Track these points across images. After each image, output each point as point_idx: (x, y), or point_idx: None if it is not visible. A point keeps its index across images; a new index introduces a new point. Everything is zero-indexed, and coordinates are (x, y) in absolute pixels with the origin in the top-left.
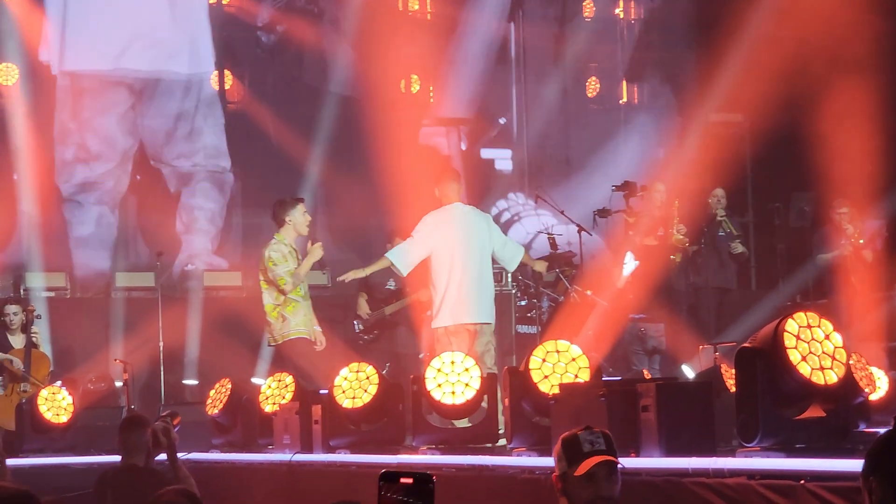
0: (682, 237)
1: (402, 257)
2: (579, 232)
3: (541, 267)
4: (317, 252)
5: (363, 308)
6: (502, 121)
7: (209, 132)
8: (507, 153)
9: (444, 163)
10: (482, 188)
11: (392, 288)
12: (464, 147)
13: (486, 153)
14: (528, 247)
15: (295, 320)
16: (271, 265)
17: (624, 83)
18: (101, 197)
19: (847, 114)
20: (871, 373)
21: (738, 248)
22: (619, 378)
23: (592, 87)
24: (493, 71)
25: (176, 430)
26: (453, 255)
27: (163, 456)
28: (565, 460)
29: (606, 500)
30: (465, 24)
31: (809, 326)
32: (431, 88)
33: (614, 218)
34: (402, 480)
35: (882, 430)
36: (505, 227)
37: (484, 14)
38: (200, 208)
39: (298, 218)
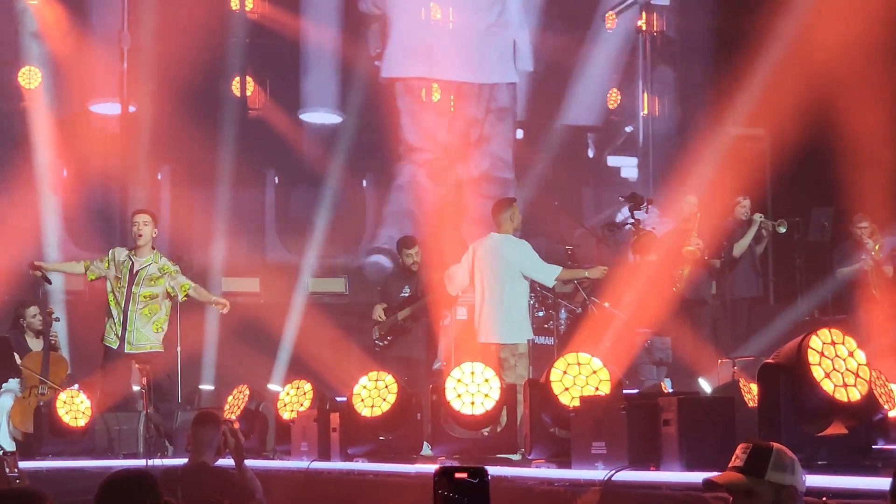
0: (693, 249)
1: (451, 279)
2: (597, 243)
3: (594, 273)
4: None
5: (378, 313)
6: (629, 129)
7: (496, 141)
8: (634, 161)
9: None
10: (610, 195)
11: (406, 295)
12: (591, 154)
13: (612, 161)
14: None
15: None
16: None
17: (645, 95)
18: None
19: (868, 129)
20: (891, 389)
21: (783, 227)
22: (637, 391)
23: (613, 98)
24: (620, 79)
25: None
26: (480, 281)
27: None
28: None
29: None
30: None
31: (833, 343)
32: (452, 98)
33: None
34: (457, 475)
35: None
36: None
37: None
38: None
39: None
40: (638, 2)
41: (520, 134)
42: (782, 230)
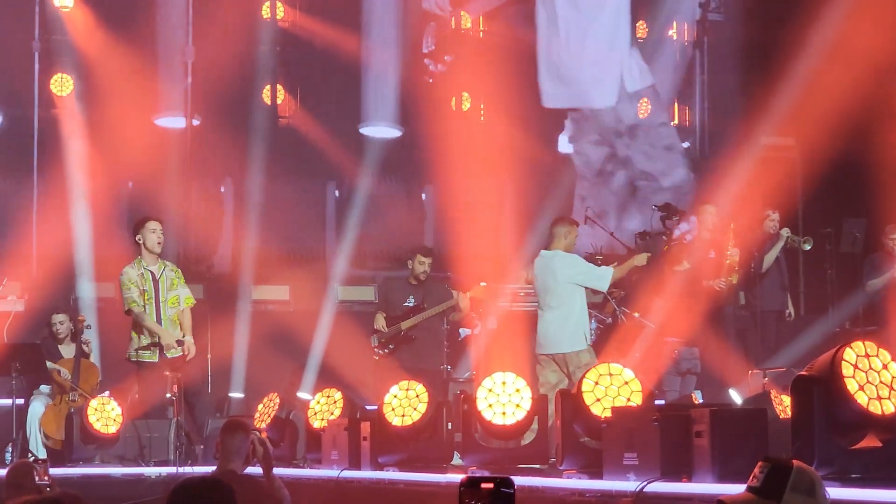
0: (736, 260)
1: None
2: (628, 253)
3: (639, 261)
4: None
5: (380, 322)
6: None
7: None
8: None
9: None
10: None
11: (410, 305)
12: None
13: None
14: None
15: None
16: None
17: (675, 104)
18: None
19: None
20: None
21: (808, 244)
22: (664, 402)
23: (644, 108)
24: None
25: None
26: (539, 295)
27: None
28: None
29: None
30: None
31: (867, 356)
32: (482, 106)
33: (657, 240)
34: (483, 486)
35: None
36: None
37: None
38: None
39: (148, 237)
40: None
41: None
42: (808, 247)
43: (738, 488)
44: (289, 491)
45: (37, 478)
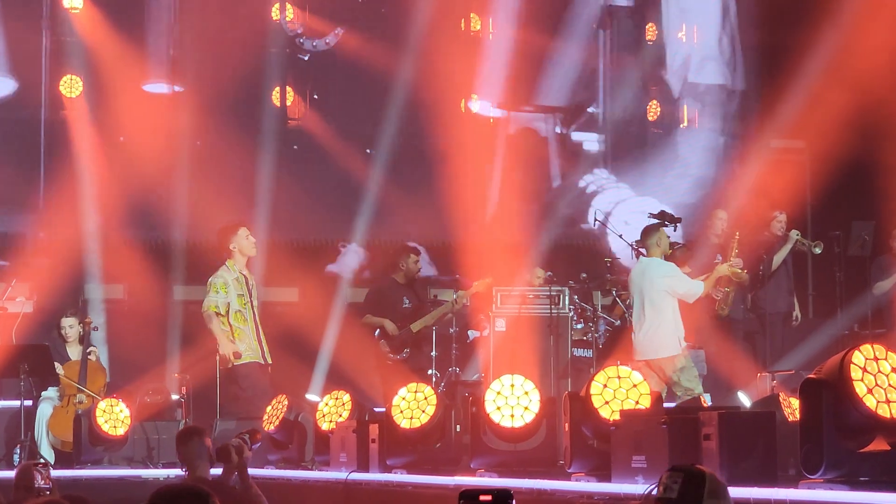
0: (738, 270)
1: None
2: (637, 256)
3: (722, 271)
4: None
5: (391, 327)
6: (591, 109)
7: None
8: (594, 136)
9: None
10: (573, 165)
11: (408, 306)
12: (558, 130)
13: (576, 136)
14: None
15: (242, 346)
16: (214, 290)
17: (685, 107)
18: None
19: None
20: None
21: (818, 248)
22: (675, 405)
23: (653, 110)
24: (584, 68)
25: (256, 446)
26: (633, 302)
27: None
28: None
29: None
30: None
31: (876, 359)
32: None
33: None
34: (482, 498)
35: None
36: (589, 197)
37: (578, 22)
38: None
39: (243, 242)
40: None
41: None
42: (818, 251)
43: (746, 491)
44: (297, 493)
45: (39, 480)
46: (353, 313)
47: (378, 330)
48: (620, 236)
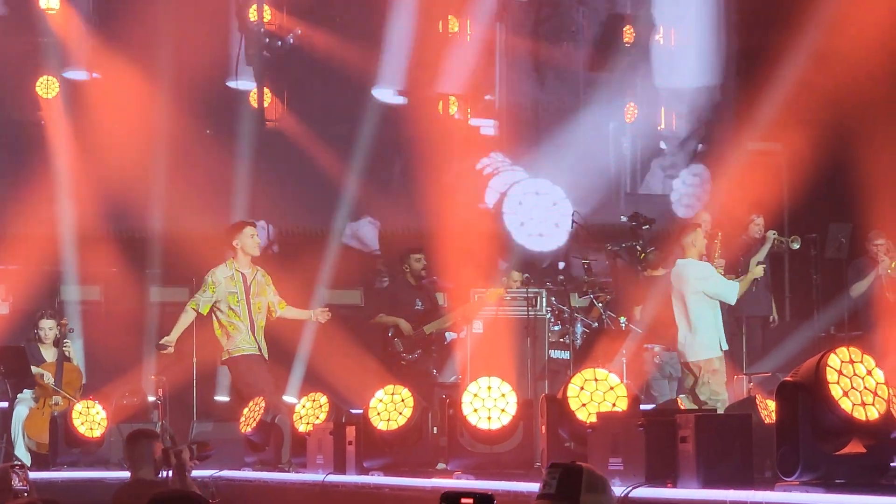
0: (721, 271)
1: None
2: (613, 258)
3: (758, 272)
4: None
5: (407, 328)
6: (488, 97)
7: None
8: (491, 122)
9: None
10: (471, 149)
11: (420, 308)
12: (457, 116)
13: (473, 121)
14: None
15: (236, 340)
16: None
17: (662, 110)
18: None
19: (886, 144)
20: None
21: (796, 243)
22: (654, 407)
23: (631, 112)
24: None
25: (210, 454)
26: (674, 304)
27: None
28: None
29: None
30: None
31: (852, 362)
32: (469, 110)
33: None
34: (463, 501)
35: None
36: (485, 180)
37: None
38: None
39: (247, 241)
40: None
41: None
42: (796, 246)
43: (722, 493)
44: (273, 495)
45: (17, 482)
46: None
47: (392, 329)
48: (593, 239)
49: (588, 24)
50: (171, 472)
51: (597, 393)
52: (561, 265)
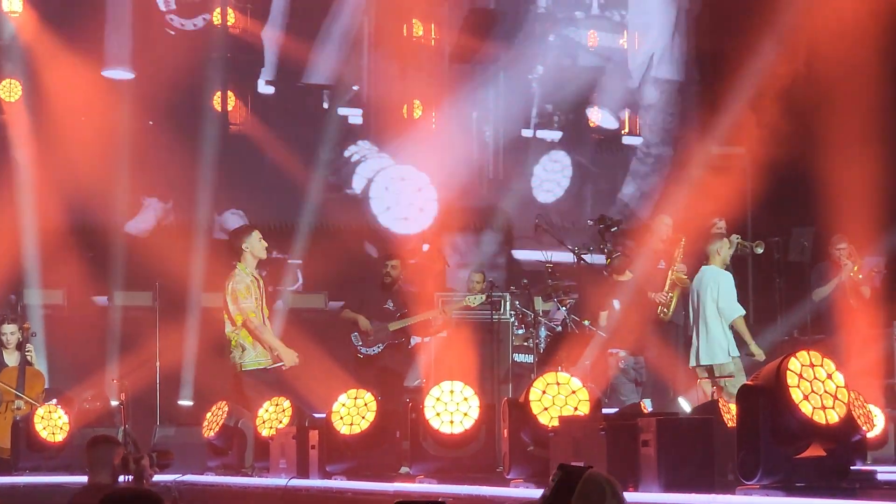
0: (683, 276)
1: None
2: (578, 261)
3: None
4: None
5: (365, 324)
6: (355, 87)
7: None
8: (359, 111)
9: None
10: (339, 137)
11: (391, 308)
12: (326, 106)
13: (341, 111)
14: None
15: (259, 349)
16: (235, 297)
17: (626, 113)
18: None
19: (848, 150)
20: (869, 411)
21: (760, 248)
22: (617, 411)
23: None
24: (348, 50)
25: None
26: (692, 308)
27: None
28: None
29: None
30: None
31: (812, 365)
32: (434, 114)
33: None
34: None
35: (879, 469)
36: (353, 166)
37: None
38: None
39: (255, 244)
40: None
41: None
42: (759, 251)
43: (684, 497)
44: (236, 499)
45: None
46: (294, 319)
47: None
48: (561, 242)
49: (454, 16)
50: (130, 479)
51: (559, 397)
52: (425, 247)
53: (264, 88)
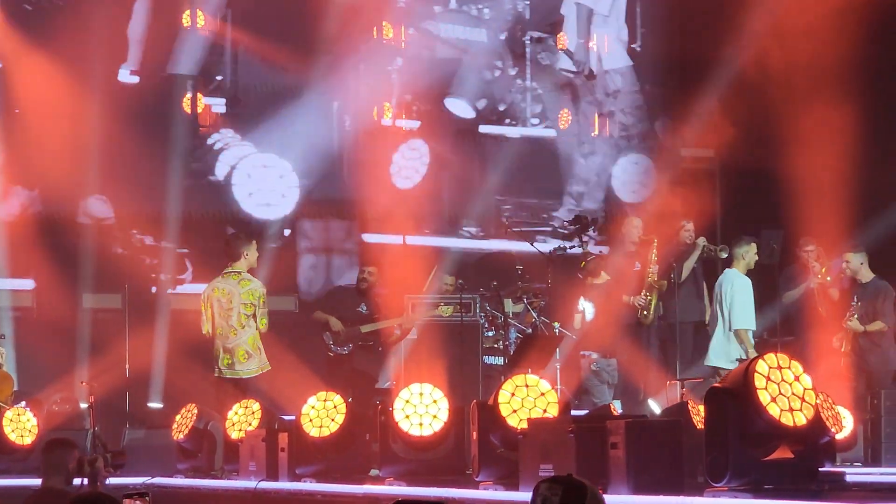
0: (655, 278)
1: None
2: (549, 262)
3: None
4: None
5: (336, 325)
6: (219, 78)
7: None
8: (222, 100)
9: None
10: (202, 125)
11: (364, 311)
12: (189, 95)
13: (206, 100)
14: None
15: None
16: (263, 301)
17: (596, 116)
18: None
19: (816, 152)
20: (838, 412)
21: (724, 252)
22: (587, 413)
23: (565, 118)
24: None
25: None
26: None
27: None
28: None
29: None
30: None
31: (780, 367)
32: (403, 116)
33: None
34: None
35: (847, 470)
36: (216, 154)
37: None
38: None
39: (253, 254)
40: None
41: None
42: (724, 255)
43: (653, 500)
44: (206, 502)
45: None
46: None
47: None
48: (532, 244)
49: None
50: (86, 481)
51: (528, 399)
52: (286, 232)
53: (128, 78)
